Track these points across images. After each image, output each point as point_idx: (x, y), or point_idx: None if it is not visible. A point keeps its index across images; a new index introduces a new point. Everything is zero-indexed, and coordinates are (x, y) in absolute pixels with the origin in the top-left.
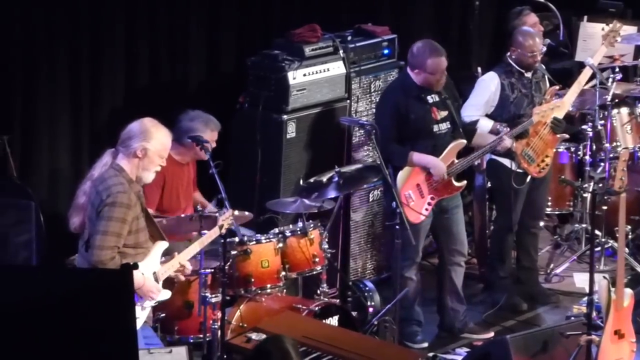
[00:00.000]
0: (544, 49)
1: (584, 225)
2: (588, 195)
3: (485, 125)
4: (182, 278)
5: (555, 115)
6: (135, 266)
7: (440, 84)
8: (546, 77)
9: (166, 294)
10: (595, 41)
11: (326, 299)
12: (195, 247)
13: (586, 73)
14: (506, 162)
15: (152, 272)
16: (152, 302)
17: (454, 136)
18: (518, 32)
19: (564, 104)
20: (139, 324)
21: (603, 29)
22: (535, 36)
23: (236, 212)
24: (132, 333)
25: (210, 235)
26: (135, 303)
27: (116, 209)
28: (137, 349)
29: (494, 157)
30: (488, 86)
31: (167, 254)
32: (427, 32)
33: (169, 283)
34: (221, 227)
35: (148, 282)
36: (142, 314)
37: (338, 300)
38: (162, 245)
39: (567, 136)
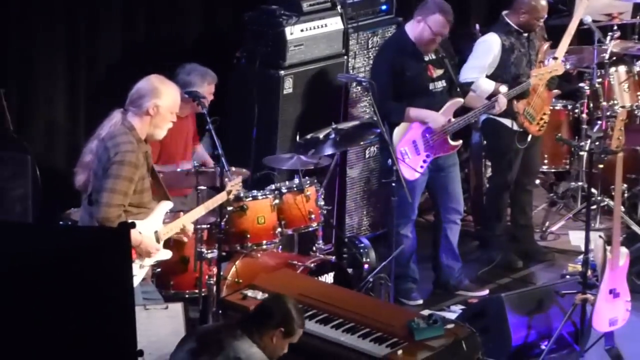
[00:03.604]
0: None
1: (580, 183)
2: (584, 154)
3: (487, 86)
4: (185, 240)
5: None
6: (133, 225)
7: (430, 49)
8: (537, 32)
9: (166, 254)
10: None
11: (322, 256)
12: (200, 210)
13: (574, 22)
14: (507, 122)
15: (154, 231)
16: (151, 260)
17: (451, 94)
18: None
19: (559, 65)
20: (137, 281)
21: None
22: (544, 0)
23: (233, 169)
24: (129, 291)
25: (217, 199)
26: (132, 261)
27: (124, 167)
28: (134, 307)
29: (492, 116)
30: (491, 48)
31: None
32: None
33: (165, 241)
34: (229, 192)
35: (147, 241)
36: (140, 272)
37: (334, 257)
38: (166, 205)
39: (559, 92)
